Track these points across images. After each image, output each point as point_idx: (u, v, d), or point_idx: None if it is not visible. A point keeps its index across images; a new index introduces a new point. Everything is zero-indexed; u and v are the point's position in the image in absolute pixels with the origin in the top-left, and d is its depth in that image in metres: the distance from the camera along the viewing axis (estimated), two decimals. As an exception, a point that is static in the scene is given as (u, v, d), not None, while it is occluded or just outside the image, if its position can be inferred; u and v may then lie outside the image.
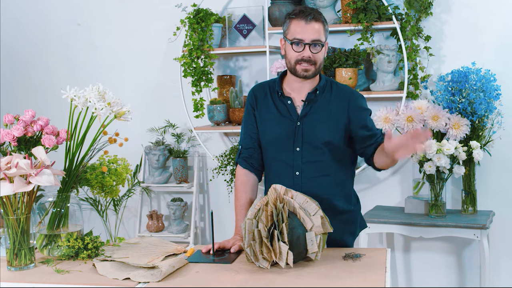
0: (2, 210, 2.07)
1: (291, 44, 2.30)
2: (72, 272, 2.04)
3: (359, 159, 3.77)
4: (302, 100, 2.38)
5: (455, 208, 3.57)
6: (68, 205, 2.21)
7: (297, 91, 2.40)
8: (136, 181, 3.95)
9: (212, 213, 2.21)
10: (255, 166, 2.45)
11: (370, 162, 2.39)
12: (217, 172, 3.92)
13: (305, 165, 2.37)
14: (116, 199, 3.79)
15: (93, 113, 2.13)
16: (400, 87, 3.50)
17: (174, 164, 3.93)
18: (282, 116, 2.39)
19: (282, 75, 2.45)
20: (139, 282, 1.92)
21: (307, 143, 2.36)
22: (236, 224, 2.37)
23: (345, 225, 2.45)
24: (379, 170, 2.40)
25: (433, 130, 3.30)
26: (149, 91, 4.14)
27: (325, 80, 2.42)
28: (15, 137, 2.13)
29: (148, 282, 1.92)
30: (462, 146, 3.20)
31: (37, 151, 2.04)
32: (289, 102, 2.39)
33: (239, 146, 2.51)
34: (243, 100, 3.78)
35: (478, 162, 3.27)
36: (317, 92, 2.38)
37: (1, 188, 1.95)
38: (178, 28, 3.79)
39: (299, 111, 2.39)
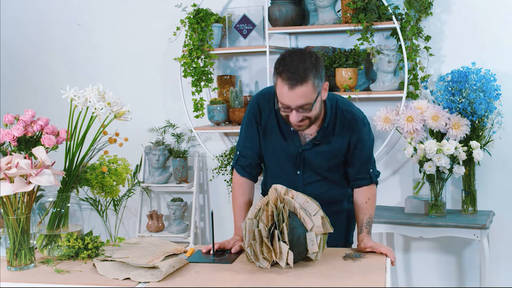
0: (2, 210, 2.07)
1: (279, 106, 2.15)
2: (72, 272, 2.04)
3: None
4: (311, 136, 2.31)
5: (455, 208, 3.57)
6: (68, 205, 2.21)
7: None
8: (136, 181, 3.95)
9: (212, 213, 2.21)
10: (252, 174, 2.44)
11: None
12: (217, 172, 3.92)
13: (306, 187, 2.38)
14: (116, 199, 3.79)
15: (93, 113, 2.13)
16: (400, 87, 3.50)
17: (174, 164, 3.93)
18: (285, 140, 2.34)
19: None
20: (139, 282, 1.92)
21: (308, 168, 2.37)
22: (235, 225, 2.37)
23: (346, 222, 2.50)
24: None
25: (433, 130, 3.31)
26: (149, 91, 4.14)
27: (330, 111, 2.29)
28: (15, 137, 2.13)
29: (148, 282, 1.92)
30: (462, 146, 3.20)
31: (37, 151, 2.04)
32: (292, 128, 2.30)
33: (236, 151, 2.46)
34: (243, 100, 3.78)
35: (478, 162, 3.27)
36: (324, 126, 2.29)
37: (1, 188, 1.94)
38: (178, 28, 3.79)
39: (302, 139, 2.32)
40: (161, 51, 4.07)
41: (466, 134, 3.26)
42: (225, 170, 3.80)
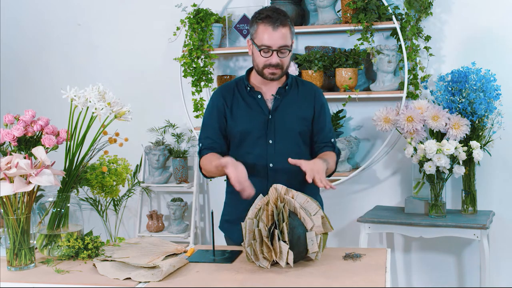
0: (2, 210, 2.07)
1: (259, 50, 2.37)
2: (72, 272, 2.04)
3: (359, 159, 3.77)
4: (272, 95, 2.46)
5: (455, 208, 3.57)
6: (68, 205, 2.21)
7: (267, 87, 2.49)
8: (136, 181, 3.94)
9: (212, 213, 2.21)
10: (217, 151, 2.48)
11: None
12: (217, 172, 3.92)
13: (278, 158, 2.43)
14: (116, 199, 3.77)
15: (93, 113, 2.13)
16: (400, 87, 3.50)
17: (174, 164, 3.93)
18: (252, 110, 2.46)
19: (249, 71, 2.53)
20: (140, 282, 1.92)
21: (280, 134, 2.44)
22: (219, 161, 2.31)
23: None
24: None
25: (433, 130, 3.31)
26: (149, 91, 4.14)
27: (291, 78, 2.54)
28: (15, 137, 2.13)
29: (149, 281, 1.92)
30: (462, 146, 3.20)
31: (37, 151, 2.04)
32: (259, 96, 2.47)
33: (199, 144, 2.53)
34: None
35: (478, 162, 3.27)
36: (287, 87, 2.48)
37: (1, 188, 1.94)
38: (178, 28, 3.79)
39: (269, 104, 2.47)
40: (161, 51, 4.07)
41: (466, 134, 3.26)
42: (225, 170, 3.80)
